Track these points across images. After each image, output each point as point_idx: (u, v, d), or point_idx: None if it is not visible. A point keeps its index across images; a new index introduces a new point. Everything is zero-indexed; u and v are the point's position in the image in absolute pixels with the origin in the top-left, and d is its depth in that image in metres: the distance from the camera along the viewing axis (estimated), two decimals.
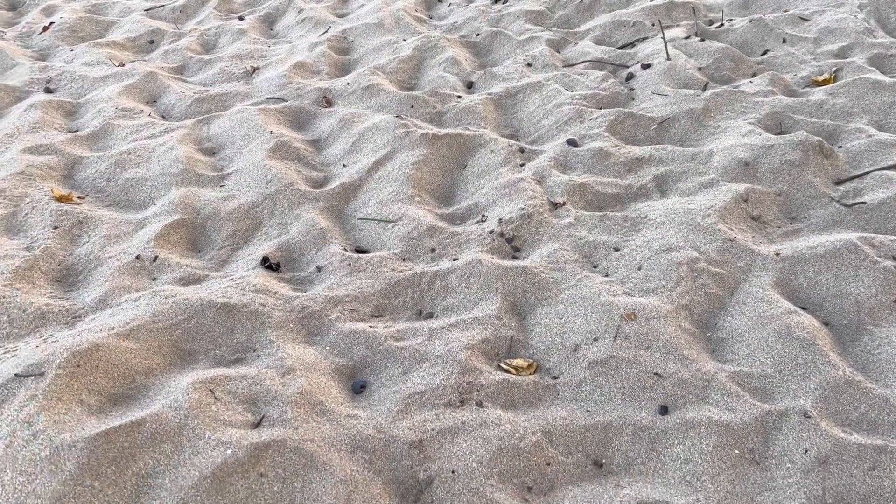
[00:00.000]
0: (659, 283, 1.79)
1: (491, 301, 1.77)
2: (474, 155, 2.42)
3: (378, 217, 2.14)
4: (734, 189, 2.09)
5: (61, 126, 2.70)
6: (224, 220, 2.13)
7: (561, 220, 2.05)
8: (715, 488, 1.33)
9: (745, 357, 1.59)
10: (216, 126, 2.64)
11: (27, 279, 1.86)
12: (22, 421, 1.37)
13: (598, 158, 2.32)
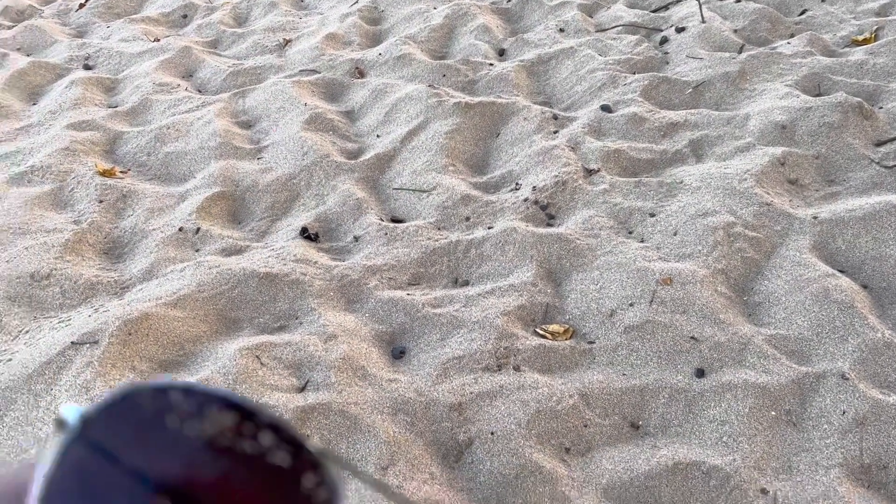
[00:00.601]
0: (695, 248, 1.78)
1: (526, 268, 1.78)
2: (507, 123, 2.42)
3: (413, 187, 2.16)
4: (771, 153, 2.06)
5: (101, 102, 2.75)
6: (262, 191, 2.17)
7: (595, 187, 2.05)
8: (751, 449, 1.34)
9: (783, 320, 1.59)
10: (251, 99, 2.67)
11: (76, 252, 1.93)
12: (80, 386, 1.43)
13: (632, 124, 2.31)
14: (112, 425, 0.30)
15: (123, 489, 0.29)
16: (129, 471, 0.29)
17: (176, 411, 0.30)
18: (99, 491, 0.29)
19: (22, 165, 2.29)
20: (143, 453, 0.29)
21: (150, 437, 0.30)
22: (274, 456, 0.30)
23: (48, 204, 2.14)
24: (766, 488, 1.29)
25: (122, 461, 0.29)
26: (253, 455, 0.30)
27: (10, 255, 1.88)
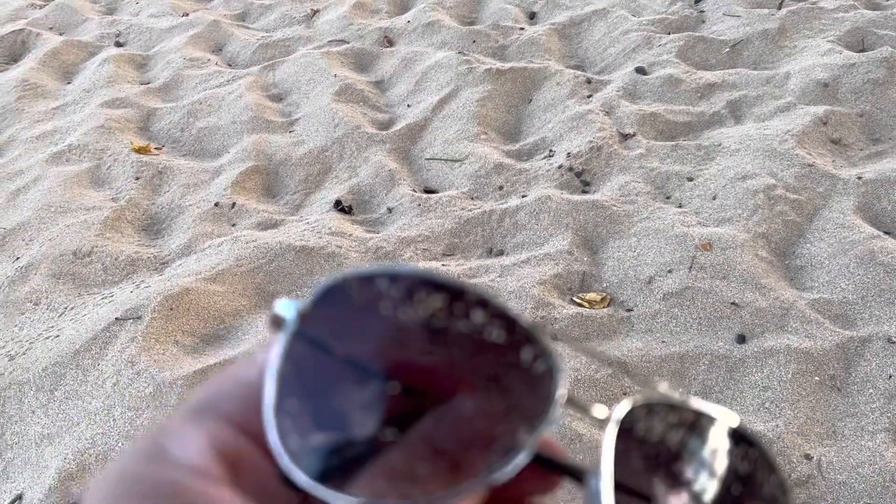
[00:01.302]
0: (735, 213, 1.75)
1: (562, 236, 1.77)
2: (539, 88, 2.38)
3: (445, 156, 2.15)
4: (813, 112, 2.01)
5: (134, 79, 2.77)
6: (296, 165, 2.18)
7: (631, 152, 2.02)
8: (794, 414, 1.33)
9: (826, 284, 1.56)
10: (281, 72, 2.67)
11: (116, 229, 1.96)
12: (125, 361, 1.47)
13: (668, 86, 2.26)
14: (328, 318, 0.30)
15: (349, 381, 0.30)
16: (352, 362, 0.30)
17: (387, 297, 0.30)
18: (326, 385, 0.30)
19: (60, 145, 2.32)
20: (362, 343, 0.30)
21: (366, 326, 0.30)
22: (489, 333, 0.30)
23: (87, 182, 2.17)
24: (809, 454, 1.28)
25: (344, 354, 0.30)
26: (469, 334, 0.30)
27: (52, 234, 1.92)
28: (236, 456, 0.29)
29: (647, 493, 0.31)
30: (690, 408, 0.32)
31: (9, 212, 2.05)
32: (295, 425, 0.29)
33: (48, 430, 1.43)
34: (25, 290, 1.76)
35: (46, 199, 2.05)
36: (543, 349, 0.30)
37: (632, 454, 0.31)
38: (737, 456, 0.32)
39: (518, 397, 0.30)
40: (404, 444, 0.29)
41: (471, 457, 0.29)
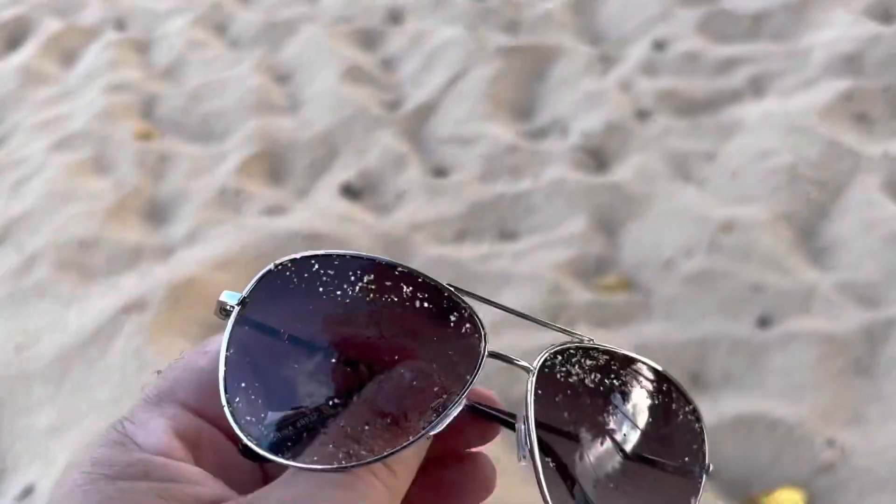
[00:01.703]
0: (756, 192, 1.73)
1: (577, 219, 1.74)
2: (553, 65, 2.34)
3: (455, 138, 2.12)
4: (836, 86, 1.97)
5: (136, 63, 2.74)
6: (302, 149, 2.15)
7: (648, 130, 1.98)
8: (818, 399, 1.31)
9: (851, 265, 1.54)
10: (286, 53, 2.64)
11: (120, 217, 1.94)
12: (132, 352, 1.46)
13: (686, 61, 2.22)
14: (266, 303, 0.33)
15: (290, 358, 0.33)
16: (291, 340, 0.33)
17: (317, 278, 0.33)
18: (270, 363, 0.33)
19: (62, 132, 2.30)
20: (299, 322, 0.33)
21: (301, 306, 0.33)
22: (417, 301, 0.34)
23: (90, 170, 2.16)
24: (833, 439, 1.27)
25: (283, 333, 0.33)
26: (397, 304, 0.33)
27: (56, 223, 1.90)
28: (195, 437, 0.33)
29: (570, 431, 0.34)
30: (603, 352, 0.36)
31: (13, 201, 2.04)
32: (247, 402, 0.32)
33: (56, 421, 1.43)
34: (31, 280, 1.76)
35: (50, 188, 2.04)
36: (467, 311, 0.34)
37: (555, 397, 0.34)
38: (649, 390, 0.36)
39: (449, 357, 0.33)
40: (348, 410, 0.32)
41: (410, 415, 0.32)
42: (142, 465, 0.29)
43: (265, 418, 0.32)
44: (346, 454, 0.30)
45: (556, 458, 0.34)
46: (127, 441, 0.31)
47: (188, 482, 0.30)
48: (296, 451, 0.31)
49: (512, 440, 0.37)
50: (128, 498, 0.28)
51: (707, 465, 0.37)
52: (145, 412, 0.33)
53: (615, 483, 0.34)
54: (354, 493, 0.30)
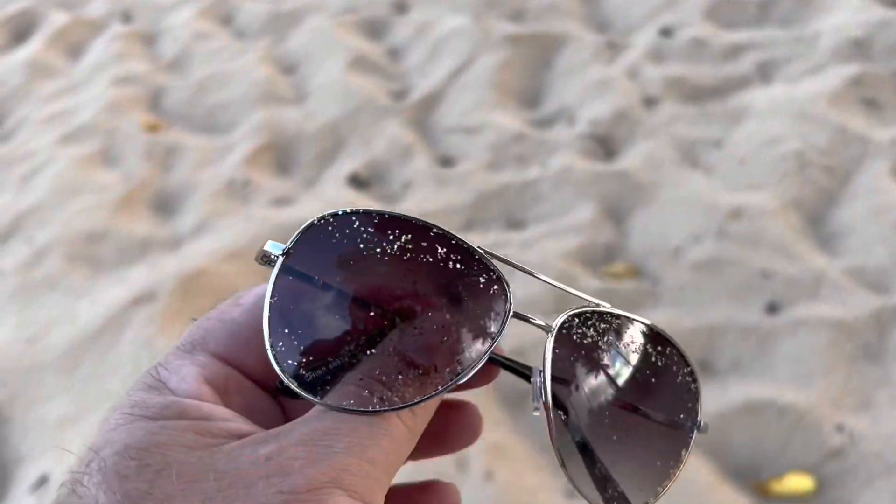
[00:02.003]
0: (764, 179, 1.71)
1: (584, 207, 1.73)
2: (559, 53, 2.33)
3: (462, 127, 2.11)
4: (845, 72, 1.95)
5: (142, 56, 2.74)
6: (309, 139, 2.15)
7: (656, 118, 1.97)
8: (827, 385, 1.31)
9: (859, 251, 1.53)
10: (292, 43, 2.63)
11: (128, 209, 1.94)
12: (143, 343, 1.46)
13: (693, 48, 2.20)
14: (309, 253, 0.35)
15: (328, 305, 0.34)
16: (330, 289, 0.34)
17: (358, 233, 0.35)
18: (309, 309, 0.34)
19: (70, 125, 2.30)
20: (338, 272, 0.35)
21: (341, 258, 0.35)
22: (449, 260, 0.35)
23: (98, 162, 2.16)
24: (842, 424, 1.26)
25: (323, 282, 0.35)
26: (434, 263, 0.35)
27: (65, 216, 1.91)
28: (223, 383, 0.35)
29: (580, 386, 0.37)
30: (615, 316, 0.39)
31: (22, 194, 2.04)
32: (288, 346, 0.34)
33: (69, 412, 1.44)
34: (42, 273, 1.76)
35: (59, 182, 2.04)
36: (495, 273, 0.36)
37: (570, 356, 0.37)
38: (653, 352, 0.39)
39: (477, 314, 0.35)
40: (380, 358, 0.34)
41: (439, 366, 0.34)
42: (177, 407, 0.32)
43: (305, 362, 0.34)
44: (379, 399, 0.32)
45: (567, 411, 0.37)
46: (161, 386, 0.34)
47: (220, 419, 0.32)
48: (331, 393, 0.33)
49: (518, 424, 0.38)
50: (167, 433, 0.31)
51: (699, 422, 0.41)
52: (178, 359, 0.35)
53: (617, 434, 0.38)
54: (378, 429, 0.32)
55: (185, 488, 0.29)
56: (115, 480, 0.30)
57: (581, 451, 0.36)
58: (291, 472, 0.29)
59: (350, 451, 0.31)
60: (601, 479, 0.37)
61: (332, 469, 0.30)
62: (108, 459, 0.30)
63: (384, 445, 0.32)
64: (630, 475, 0.38)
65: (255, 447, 0.30)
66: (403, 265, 0.35)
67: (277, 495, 0.28)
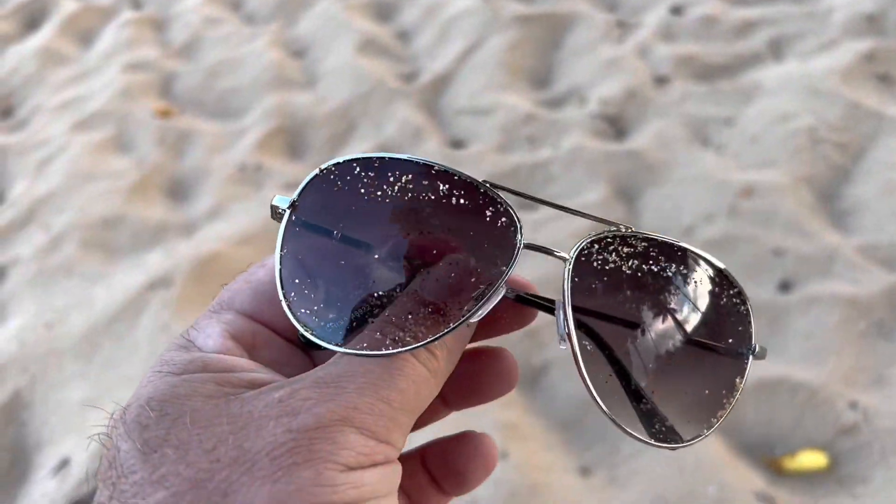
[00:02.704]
0: (776, 156, 1.70)
1: (596, 187, 1.73)
2: (569, 33, 2.31)
3: (472, 108, 2.10)
4: (857, 47, 1.92)
5: (152, 42, 2.74)
6: (320, 123, 2.15)
7: (667, 96, 1.95)
8: (840, 362, 1.31)
9: (872, 227, 1.52)
10: (301, 27, 2.63)
11: (143, 194, 1.96)
12: (159, 328, 1.48)
13: (704, 25, 2.18)
14: (315, 203, 0.35)
15: (339, 253, 0.34)
16: (339, 237, 0.34)
17: (362, 179, 0.34)
18: (320, 259, 0.34)
19: (83, 112, 2.32)
20: (346, 220, 0.34)
21: (348, 206, 0.34)
22: (457, 199, 0.34)
23: (111, 149, 2.17)
24: (855, 401, 1.26)
25: (331, 231, 0.34)
26: (439, 201, 0.34)
27: (81, 203, 1.92)
28: (250, 338, 0.36)
29: (609, 316, 0.35)
30: (641, 238, 0.36)
31: (38, 181, 2.06)
32: (301, 296, 0.34)
33: (89, 396, 1.45)
34: (58, 259, 1.78)
35: (73, 168, 2.05)
36: (503, 205, 0.35)
37: (592, 284, 0.35)
38: (691, 275, 0.36)
39: (487, 249, 0.34)
40: (392, 301, 0.34)
41: (451, 303, 0.33)
42: (200, 361, 0.34)
43: (318, 310, 0.34)
44: (392, 340, 0.32)
45: (595, 342, 0.35)
46: (189, 345, 0.35)
47: (242, 370, 0.33)
48: (346, 339, 0.33)
49: (532, 404, 0.38)
50: (188, 384, 0.32)
51: (753, 346, 0.38)
52: (205, 319, 0.37)
53: (658, 364, 0.35)
54: (394, 369, 0.32)
55: (199, 432, 0.30)
56: (135, 430, 0.31)
57: (618, 384, 0.34)
58: (301, 412, 0.30)
59: (362, 391, 0.31)
60: (645, 414, 0.35)
61: (342, 408, 0.30)
62: (131, 412, 0.32)
63: (400, 385, 0.31)
64: (678, 407, 0.35)
65: (270, 392, 0.31)
66: (407, 206, 0.34)
67: (286, 434, 0.29)
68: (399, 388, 0.32)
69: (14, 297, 1.70)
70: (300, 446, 0.29)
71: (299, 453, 0.29)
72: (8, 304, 1.69)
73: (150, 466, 0.29)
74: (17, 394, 1.47)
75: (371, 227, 0.34)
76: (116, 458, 0.31)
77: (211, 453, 0.29)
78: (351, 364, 0.32)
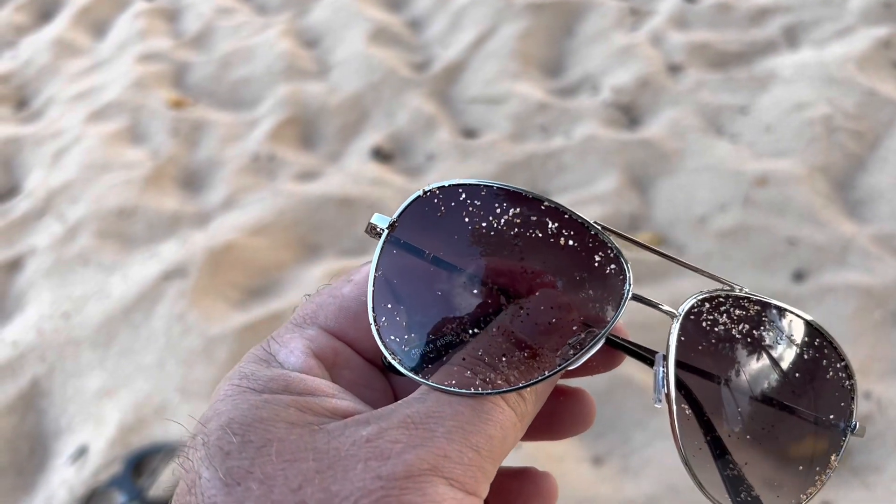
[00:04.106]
0: (791, 145, 1.68)
1: (609, 176, 1.72)
2: (582, 21, 2.29)
3: (484, 98, 2.10)
4: (874, 34, 1.90)
5: (165, 32, 2.75)
6: (332, 113, 2.15)
7: (680, 85, 1.94)
8: (854, 352, 1.30)
9: (888, 216, 1.51)
10: (313, 17, 2.62)
11: (157, 185, 1.97)
12: (175, 317, 1.49)
13: (718, 13, 2.15)
14: (415, 226, 0.33)
15: (435, 279, 0.33)
16: (437, 263, 0.33)
17: (468, 206, 0.33)
18: (415, 283, 0.33)
19: (97, 103, 2.33)
20: (446, 246, 0.33)
21: (449, 232, 0.33)
22: (564, 237, 0.33)
23: (126, 139, 2.18)
24: (869, 391, 1.26)
25: (430, 256, 0.33)
26: (546, 238, 0.33)
27: (96, 194, 1.93)
28: (332, 357, 0.35)
29: (710, 379, 0.33)
30: (755, 302, 0.34)
31: (53, 172, 2.07)
32: (391, 322, 0.32)
33: (106, 384, 1.47)
34: (75, 249, 1.79)
35: (88, 159, 2.07)
36: (613, 251, 0.33)
37: (698, 344, 0.33)
38: (799, 343, 0.35)
39: (591, 295, 0.32)
40: (487, 338, 0.32)
41: (548, 348, 0.31)
42: (282, 380, 0.32)
43: (407, 338, 0.32)
44: (482, 381, 0.31)
45: (693, 405, 0.33)
46: (270, 358, 0.34)
47: (324, 395, 0.32)
48: (434, 372, 0.32)
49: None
50: (270, 407, 0.31)
51: (854, 424, 0.36)
52: (288, 333, 0.35)
53: (753, 433, 0.33)
54: (483, 413, 0.30)
55: (285, 467, 0.29)
56: (217, 456, 0.30)
57: (709, 448, 0.33)
58: (390, 457, 0.28)
59: (452, 436, 0.29)
60: (732, 481, 0.33)
61: (432, 456, 0.29)
62: (213, 434, 0.31)
63: (489, 432, 0.30)
64: (767, 479, 0.34)
65: (357, 428, 0.30)
66: (512, 240, 0.33)
67: (375, 480, 0.28)
68: (488, 433, 0.30)
69: (32, 287, 1.71)
70: (389, 496, 0.28)
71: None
72: (26, 293, 1.71)
73: (233, 500, 0.28)
74: (35, 382, 1.49)
75: (471, 257, 0.33)
76: (197, 485, 0.29)
77: (297, 493, 0.28)
78: (439, 403, 0.30)
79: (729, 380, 0.33)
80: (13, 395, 1.46)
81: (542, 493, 0.39)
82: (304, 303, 0.37)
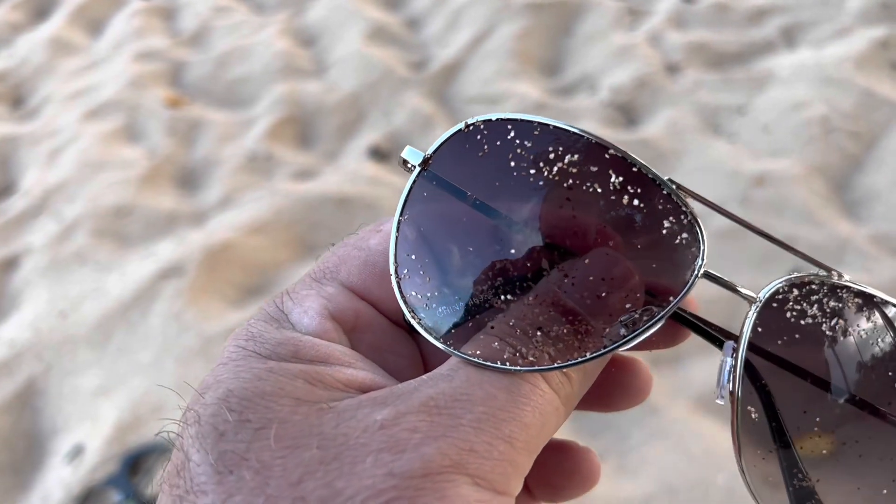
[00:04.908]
0: (788, 145, 1.69)
1: None
2: (580, 20, 2.30)
3: (483, 97, 2.10)
4: (872, 34, 1.90)
5: (162, 31, 2.74)
6: (329, 112, 2.15)
7: (678, 85, 1.94)
8: None
9: (885, 216, 1.51)
10: (310, 16, 2.62)
11: (154, 184, 1.96)
12: (172, 316, 1.49)
13: (716, 13, 2.16)
14: (451, 165, 0.29)
15: (471, 227, 0.28)
16: (475, 207, 0.28)
17: (515, 144, 0.28)
18: (447, 237, 0.28)
19: (93, 101, 2.32)
20: (486, 189, 0.28)
21: (491, 172, 0.28)
22: (631, 195, 0.27)
23: (122, 138, 2.18)
24: None
25: (466, 198, 0.28)
26: (607, 192, 0.27)
27: (93, 192, 1.93)
28: (352, 318, 0.30)
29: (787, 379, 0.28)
30: (855, 293, 0.29)
31: (49, 171, 2.07)
32: (415, 275, 0.27)
33: (102, 383, 1.47)
34: (72, 248, 1.79)
35: (84, 158, 2.06)
36: (687, 217, 0.27)
37: (778, 337, 0.28)
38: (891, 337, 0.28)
39: (655, 266, 0.27)
40: (527, 303, 0.27)
41: (599, 322, 0.26)
42: (292, 345, 0.28)
43: (432, 296, 0.27)
44: (521, 356, 0.25)
45: (761, 406, 0.28)
46: (282, 318, 0.30)
47: (338, 364, 0.28)
48: (460, 339, 0.27)
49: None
50: (275, 379, 0.27)
51: None
52: (305, 288, 0.31)
53: (831, 448, 0.28)
54: (518, 395, 0.25)
55: (284, 455, 0.25)
56: (210, 436, 0.26)
57: (777, 462, 0.28)
58: (406, 449, 0.24)
59: (481, 426, 0.25)
60: (799, 497, 0.28)
61: (456, 449, 0.24)
62: (208, 408, 0.27)
63: (526, 419, 0.25)
64: (845, 497, 0.28)
65: (371, 410, 0.26)
66: (566, 191, 0.27)
67: (387, 478, 0.24)
68: (524, 422, 0.25)
69: (28, 286, 1.71)
70: (402, 498, 0.23)
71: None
72: (22, 292, 1.70)
73: (223, 491, 0.24)
74: (31, 381, 1.48)
75: (515, 206, 0.27)
76: (186, 468, 0.26)
77: (296, 487, 0.24)
78: (469, 382, 0.25)
79: (812, 383, 0.28)
80: (9, 394, 1.45)
81: (583, 471, 0.35)
82: (327, 254, 0.33)
